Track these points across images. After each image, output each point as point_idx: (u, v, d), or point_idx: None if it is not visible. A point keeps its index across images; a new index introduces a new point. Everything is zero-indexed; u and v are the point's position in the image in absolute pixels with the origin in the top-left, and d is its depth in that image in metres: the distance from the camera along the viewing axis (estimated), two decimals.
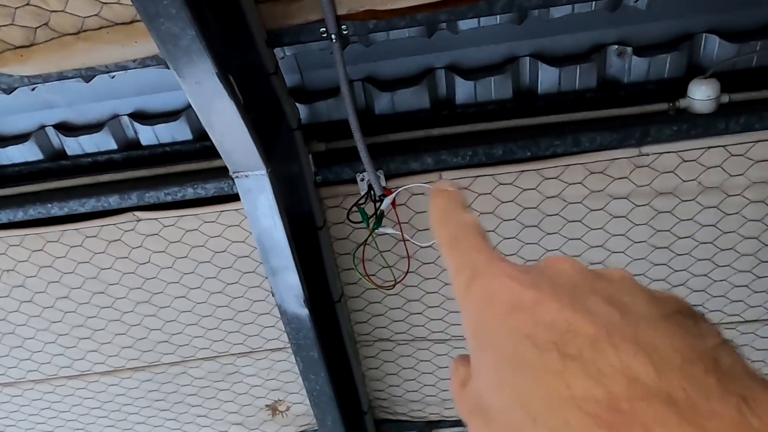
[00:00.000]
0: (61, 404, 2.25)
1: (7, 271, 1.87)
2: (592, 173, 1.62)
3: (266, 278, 1.77)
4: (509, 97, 1.64)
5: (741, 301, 1.85)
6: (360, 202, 1.62)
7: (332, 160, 1.62)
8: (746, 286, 1.81)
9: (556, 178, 1.62)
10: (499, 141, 1.57)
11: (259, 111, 1.37)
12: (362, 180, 1.61)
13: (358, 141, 1.48)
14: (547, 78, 1.60)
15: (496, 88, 1.62)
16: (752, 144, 1.54)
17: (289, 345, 1.79)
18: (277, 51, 1.52)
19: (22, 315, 1.97)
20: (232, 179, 1.39)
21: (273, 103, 1.42)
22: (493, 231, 1.72)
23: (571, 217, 1.69)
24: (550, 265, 0.35)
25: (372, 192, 1.60)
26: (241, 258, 1.82)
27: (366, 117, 1.67)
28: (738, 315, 1.88)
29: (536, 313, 0.31)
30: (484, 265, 0.37)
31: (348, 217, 1.65)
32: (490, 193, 1.66)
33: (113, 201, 1.69)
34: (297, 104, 1.60)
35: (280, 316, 1.68)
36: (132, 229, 1.77)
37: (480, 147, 1.57)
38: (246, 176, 1.36)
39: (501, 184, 1.64)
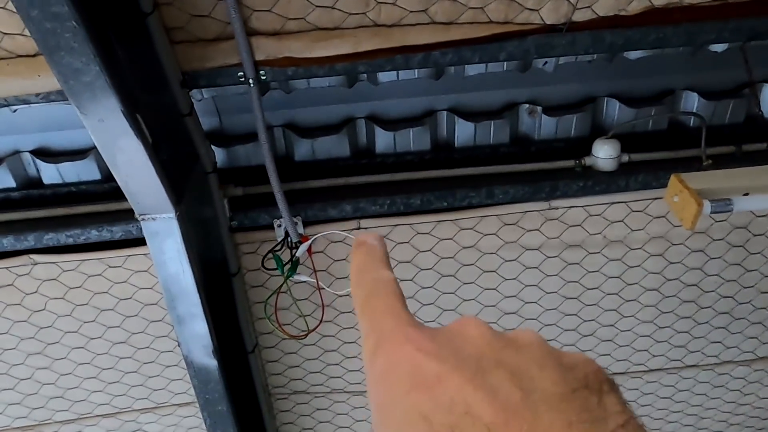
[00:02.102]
0: None
1: None
2: (505, 225, 1.66)
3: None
4: (428, 149, 1.68)
5: (645, 350, 1.93)
6: (276, 248, 1.58)
7: (249, 205, 1.59)
8: (649, 336, 1.89)
9: (471, 228, 1.66)
10: (417, 191, 1.59)
11: (171, 152, 1.32)
12: (279, 226, 1.58)
13: (275, 186, 1.45)
14: (464, 132, 1.66)
15: (414, 139, 1.66)
16: (650, 201, 1.65)
17: (197, 399, 1.68)
18: (196, 93, 1.50)
19: None
20: (138, 222, 1.32)
21: (186, 145, 1.38)
22: (411, 280, 1.72)
23: (487, 267, 1.72)
24: (460, 331, 0.34)
25: (288, 239, 1.57)
26: (149, 305, 1.72)
27: (285, 163, 1.66)
28: (643, 364, 1.96)
29: (437, 392, 0.30)
30: (391, 331, 0.35)
31: (263, 264, 1.60)
32: (408, 242, 1.67)
33: (7, 242, 1.56)
34: (215, 147, 1.57)
35: (186, 369, 1.59)
36: (27, 273, 1.64)
37: (398, 196, 1.59)
38: (153, 219, 1.30)
39: (419, 233, 1.65)
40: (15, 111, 1.50)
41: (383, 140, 1.65)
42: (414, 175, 1.63)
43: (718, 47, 1.52)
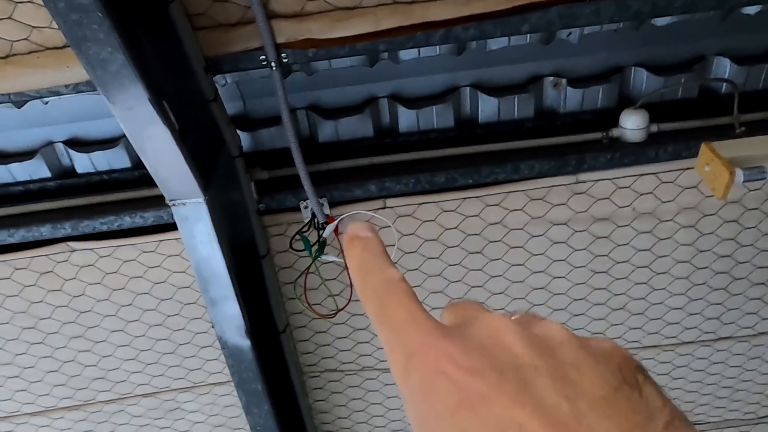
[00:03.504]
0: None
1: None
2: (532, 200, 1.65)
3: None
4: (451, 126, 1.67)
5: (677, 323, 1.90)
6: (303, 230, 1.60)
7: (275, 187, 1.61)
8: (681, 308, 1.87)
9: (497, 204, 1.65)
10: (442, 169, 1.59)
11: (197, 138, 1.35)
12: (305, 208, 1.60)
13: (300, 169, 1.47)
14: (487, 107, 1.64)
15: (438, 116, 1.65)
16: (681, 171, 1.61)
17: (232, 378, 1.73)
18: (219, 78, 1.51)
19: None
20: (169, 207, 1.36)
21: (212, 131, 1.41)
22: (437, 258, 1.73)
23: (514, 243, 1.71)
24: (490, 336, 0.33)
25: (315, 220, 1.59)
26: (182, 289, 1.76)
27: (310, 145, 1.67)
28: (675, 337, 1.94)
29: (484, 413, 0.29)
30: (420, 345, 0.34)
31: (291, 245, 1.63)
32: (434, 220, 1.67)
33: (45, 231, 1.61)
34: (239, 132, 1.59)
35: (221, 349, 1.63)
36: (65, 260, 1.69)
37: (423, 174, 1.59)
38: (183, 204, 1.33)
39: (444, 211, 1.65)
40: (47, 103, 1.53)
41: (406, 119, 1.65)
42: (438, 153, 1.62)
43: (751, 9, 1.46)
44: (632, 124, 1.55)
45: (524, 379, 0.30)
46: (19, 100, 1.39)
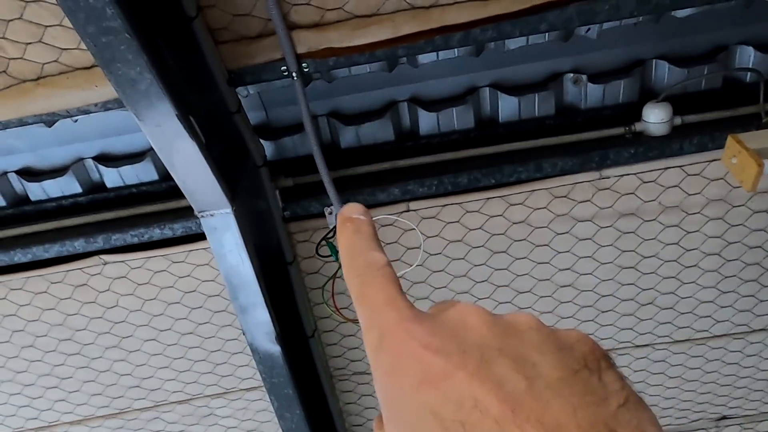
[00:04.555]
0: None
1: None
2: (556, 197, 1.65)
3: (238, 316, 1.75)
4: (472, 127, 1.67)
5: (708, 316, 1.88)
6: (328, 235, 1.62)
7: (300, 194, 1.63)
8: (712, 301, 1.84)
9: (521, 203, 1.65)
10: (464, 170, 1.59)
11: (223, 150, 1.37)
12: (330, 213, 1.62)
13: (324, 175, 1.49)
14: (507, 107, 1.64)
15: (458, 118, 1.65)
16: (707, 163, 1.59)
17: (263, 384, 1.76)
18: (241, 90, 1.54)
19: None
20: (197, 218, 1.38)
21: (237, 141, 1.43)
22: (462, 259, 1.73)
23: (539, 241, 1.71)
24: (461, 320, 0.34)
25: None
26: (212, 297, 1.80)
27: (332, 151, 1.69)
28: (707, 330, 1.92)
29: (445, 388, 0.30)
30: (393, 326, 0.35)
31: (317, 251, 1.64)
32: (458, 221, 1.67)
33: (78, 245, 1.66)
34: (263, 141, 1.61)
35: (251, 355, 1.66)
36: (99, 273, 1.74)
37: (445, 176, 1.59)
38: (211, 215, 1.36)
39: (468, 212, 1.66)
40: (76, 121, 1.58)
41: (426, 121, 1.66)
42: (460, 154, 1.63)
43: None
44: (655, 118, 1.54)
45: (486, 359, 0.31)
46: (50, 119, 1.43)
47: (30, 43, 1.24)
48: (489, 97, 1.65)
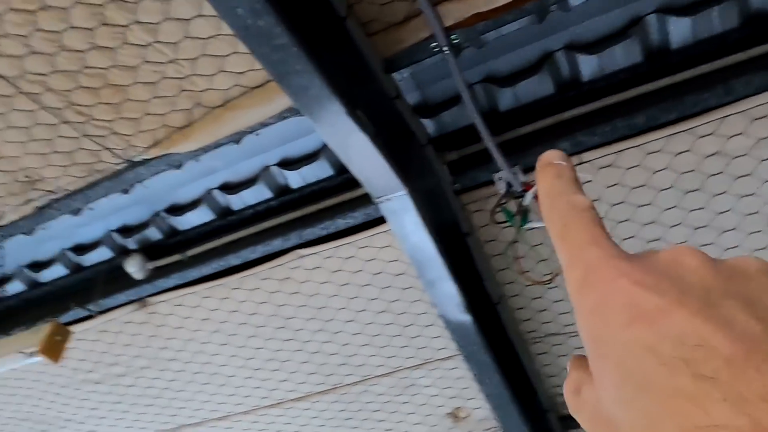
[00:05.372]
0: None
1: (204, 320, 2.14)
2: (754, 119, 1.45)
3: (425, 291, 1.83)
4: (640, 61, 1.54)
5: None
6: (501, 201, 1.61)
7: (467, 165, 1.64)
8: None
9: (711, 134, 1.49)
10: (639, 109, 1.48)
11: (389, 135, 1.43)
12: (500, 179, 1.60)
13: (488, 142, 1.48)
14: (679, 30, 1.48)
15: (622, 55, 1.53)
16: None
17: (458, 353, 1.82)
18: (395, 75, 1.59)
19: (222, 357, 2.23)
20: (376, 204, 1.47)
21: (400, 125, 1.48)
22: (648, 205, 1.62)
23: (739, 172, 1.53)
24: (676, 261, 0.32)
25: (511, 189, 1.59)
26: (398, 276, 1.90)
27: (492, 116, 1.67)
28: None
29: (661, 324, 0.28)
30: (599, 262, 0.33)
31: (492, 218, 1.65)
32: (638, 166, 1.56)
33: (277, 244, 1.86)
34: (423, 120, 1.65)
35: (444, 326, 1.73)
36: (298, 266, 1.93)
37: (618, 120, 1.49)
38: (389, 199, 1.43)
39: (649, 153, 1.54)
40: (258, 134, 1.76)
41: (588, 66, 1.56)
42: (630, 94, 1.51)
43: None
44: None
45: (709, 299, 0.29)
46: (238, 137, 1.62)
47: (214, 74, 1.41)
48: (656, 24, 1.50)
